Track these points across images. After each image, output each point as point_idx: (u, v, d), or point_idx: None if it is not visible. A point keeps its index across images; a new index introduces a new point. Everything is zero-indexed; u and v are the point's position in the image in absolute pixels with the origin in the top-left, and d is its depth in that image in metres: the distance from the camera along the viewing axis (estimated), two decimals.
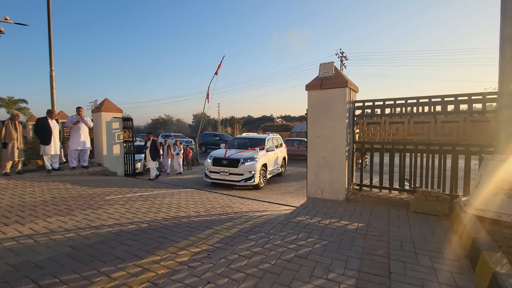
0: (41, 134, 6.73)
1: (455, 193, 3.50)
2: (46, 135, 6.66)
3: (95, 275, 2.06)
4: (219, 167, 8.00)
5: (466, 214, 2.73)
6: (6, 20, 17.06)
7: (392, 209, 3.57)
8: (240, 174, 7.66)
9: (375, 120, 4.03)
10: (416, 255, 2.24)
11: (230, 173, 7.78)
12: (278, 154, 9.61)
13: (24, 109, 22.08)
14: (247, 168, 7.65)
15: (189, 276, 1.94)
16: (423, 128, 3.63)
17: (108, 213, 3.73)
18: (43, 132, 6.68)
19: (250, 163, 7.73)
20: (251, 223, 3.51)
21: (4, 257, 2.31)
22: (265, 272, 1.97)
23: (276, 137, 10.36)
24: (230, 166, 7.84)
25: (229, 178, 7.81)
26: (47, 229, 3.01)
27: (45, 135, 6.67)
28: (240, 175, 7.68)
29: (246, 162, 7.73)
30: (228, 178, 7.82)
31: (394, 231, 2.79)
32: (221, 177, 7.92)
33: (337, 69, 4.10)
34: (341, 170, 3.98)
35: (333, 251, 2.32)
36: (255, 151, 8.17)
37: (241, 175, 7.67)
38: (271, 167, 8.92)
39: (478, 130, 3.32)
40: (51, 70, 8.80)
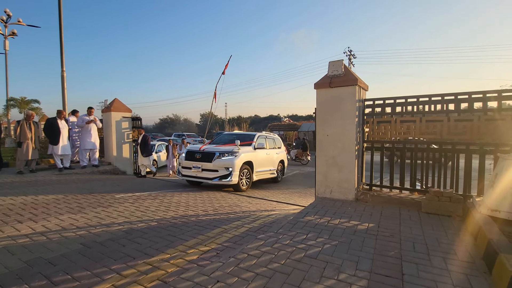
0: (50, 134, 6.88)
1: (468, 194, 3.40)
2: (55, 136, 6.81)
3: (106, 272, 2.08)
4: (191, 162, 6.64)
5: (480, 215, 2.66)
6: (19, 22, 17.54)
7: (403, 209, 3.51)
8: (214, 170, 6.29)
9: (386, 119, 3.96)
10: (429, 257, 2.18)
11: (203, 168, 6.38)
12: (272, 155, 8.15)
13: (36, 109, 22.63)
14: (223, 163, 6.25)
15: (199, 274, 1.94)
16: (436, 126, 3.55)
17: (118, 211, 3.78)
18: (52, 132, 6.83)
19: (227, 158, 6.31)
20: (260, 222, 3.49)
21: (18, 254, 2.36)
22: (274, 272, 1.96)
23: (273, 137, 8.94)
24: (204, 160, 6.47)
25: (201, 174, 6.39)
26: (59, 227, 3.06)
27: (54, 135, 6.82)
28: (214, 172, 6.29)
29: (223, 157, 6.32)
30: (200, 174, 6.41)
31: (406, 231, 2.73)
32: (193, 173, 6.53)
33: (347, 67, 4.04)
34: (350, 170, 3.92)
35: (344, 251, 2.29)
36: (236, 145, 6.68)
37: (215, 172, 6.28)
38: (261, 168, 7.39)
39: (493, 128, 3.22)
40: (62, 71, 8.99)
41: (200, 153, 6.69)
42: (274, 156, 8.28)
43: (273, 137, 8.95)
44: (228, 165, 6.27)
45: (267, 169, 7.79)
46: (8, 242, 2.60)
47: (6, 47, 17.52)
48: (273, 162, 8.19)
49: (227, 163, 6.28)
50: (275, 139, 9.01)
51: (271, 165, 8.07)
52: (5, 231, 2.89)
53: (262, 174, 7.61)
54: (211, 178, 6.29)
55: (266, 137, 8.35)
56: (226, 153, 6.43)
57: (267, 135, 8.66)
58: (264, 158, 7.62)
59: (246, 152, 6.85)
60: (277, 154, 8.55)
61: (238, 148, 6.62)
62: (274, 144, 8.68)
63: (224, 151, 6.48)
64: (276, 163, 8.41)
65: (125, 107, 8.64)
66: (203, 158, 6.53)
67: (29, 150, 6.55)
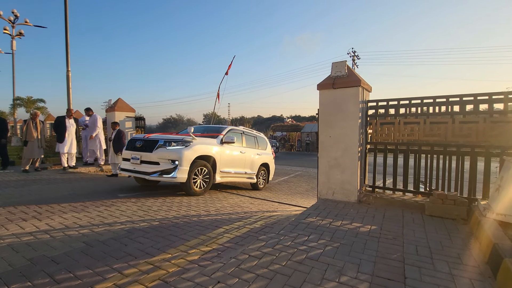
0: (58, 132, 7.01)
1: (473, 197, 3.36)
2: (61, 133, 6.92)
3: (108, 271, 2.09)
4: (131, 152, 5.27)
5: (485, 218, 2.62)
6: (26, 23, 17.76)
7: (407, 212, 3.47)
8: (155, 163, 4.88)
9: (389, 120, 3.93)
10: (433, 260, 2.16)
11: (142, 160, 5.01)
12: (251, 156, 6.69)
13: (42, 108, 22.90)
14: (166, 154, 4.84)
15: (200, 275, 1.94)
16: (440, 128, 3.51)
17: (121, 210, 3.80)
18: (60, 130, 6.95)
19: (173, 148, 4.89)
20: (261, 223, 3.49)
21: (22, 251, 2.39)
22: (275, 273, 1.95)
23: (255, 135, 7.43)
24: (144, 150, 5.07)
25: (140, 168, 4.99)
26: (63, 225, 3.09)
27: (60, 133, 6.93)
28: (154, 165, 4.88)
29: (169, 146, 4.93)
30: (138, 168, 5.01)
31: (409, 234, 2.71)
32: (131, 166, 5.13)
33: (350, 68, 4.02)
34: (353, 171, 3.90)
35: (345, 253, 2.27)
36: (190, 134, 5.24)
37: (155, 165, 4.86)
38: (229, 168, 5.91)
39: (499, 131, 3.17)
40: (67, 71, 9.07)
41: (142, 140, 5.24)
42: (254, 157, 6.83)
43: (255, 135, 7.43)
44: (173, 157, 4.81)
45: (240, 171, 6.31)
46: (12, 240, 2.63)
47: (13, 47, 17.75)
48: (252, 165, 6.73)
49: (172, 154, 4.83)
50: (258, 138, 7.52)
51: (248, 167, 6.61)
52: (10, 229, 2.92)
53: (232, 176, 6.10)
54: (149, 172, 4.84)
55: (244, 133, 6.80)
56: (174, 142, 4.98)
57: (247, 131, 7.06)
58: (236, 157, 6.14)
59: (205, 144, 5.38)
60: (259, 155, 7.06)
61: (191, 138, 5.14)
62: (256, 144, 7.25)
63: (171, 140, 5.04)
64: (256, 166, 6.94)
65: (129, 107, 8.71)
66: (144, 147, 5.11)
67: (35, 149, 6.64)
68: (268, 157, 7.58)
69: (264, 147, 7.65)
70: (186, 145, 5.02)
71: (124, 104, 8.62)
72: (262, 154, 7.32)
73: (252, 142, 7.09)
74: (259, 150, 7.27)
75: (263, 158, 7.30)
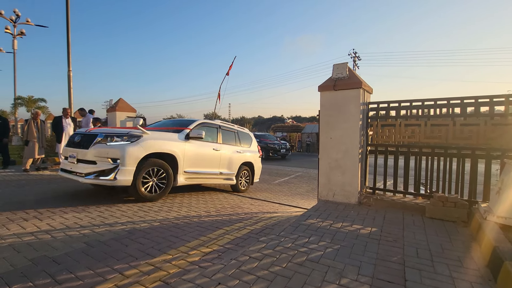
0: (56, 132, 7.02)
1: (474, 199, 3.36)
2: (59, 134, 6.93)
3: (109, 272, 2.10)
4: (69, 149, 4.46)
5: (486, 221, 2.62)
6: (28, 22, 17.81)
7: (407, 214, 3.47)
8: (91, 162, 4.06)
9: (390, 122, 3.94)
10: (433, 263, 2.16)
11: (78, 159, 4.19)
12: (229, 154, 5.89)
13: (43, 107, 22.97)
14: (105, 151, 4.01)
15: (200, 276, 1.95)
16: (441, 131, 3.51)
17: (122, 210, 3.80)
18: (58, 130, 6.96)
19: (115, 145, 4.06)
20: (262, 224, 3.49)
21: (24, 252, 2.39)
22: (276, 275, 1.95)
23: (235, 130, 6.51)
24: (81, 146, 4.27)
25: (76, 168, 4.17)
26: (64, 225, 3.10)
27: (58, 134, 6.94)
28: (90, 164, 4.06)
29: (110, 142, 4.09)
30: (74, 168, 4.20)
31: (409, 237, 2.71)
32: (68, 165, 4.34)
33: (351, 70, 4.03)
34: (353, 173, 3.90)
35: (346, 256, 2.28)
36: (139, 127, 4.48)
37: (92, 164, 4.05)
38: (197, 168, 5.06)
39: (500, 133, 3.17)
40: (68, 71, 9.09)
41: (81, 135, 4.46)
42: (233, 155, 5.98)
43: (236, 131, 6.51)
44: (113, 154, 3.98)
45: (213, 171, 5.48)
46: (14, 240, 2.64)
47: (14, 47, 17.80)
48: (229, 164, 5.89)
49: (112, 151, 3.99)
50: (240, 134, 6.59)
51: (225, 166, 5.76)
52: (11, 228, 2.93)
53: (202, 177, 5.27)
54: (84, 174, 4.02)
55: (220, 128, 5.93)
56: (117, 137, 4.16)
57: (224, 126, 6.16)
58: (207, 154, 5.31)
59: (162, 140, 4.53)
60: (239, 153, 6.23)
61: (140, 132, 4.30)
62: (237, 141, 6.38)
63: (113, 134, 4.21)
64: (236, 165, 6.11)
65: (130, 107, 8.73)
66: (82, 142, 4.30)
67: (36, 149, 6.65)
68: (252, 155, 6.76)
69: (248, 144, 6.80)
70: (132, 141, 4.16)
71: (125, 104, 8.64)
72: (245, 151, 6.49)
73: (231, 138, 6.23)
74: (241, 147, 6.42)
75: (246, 157, 6.48)
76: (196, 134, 4.99)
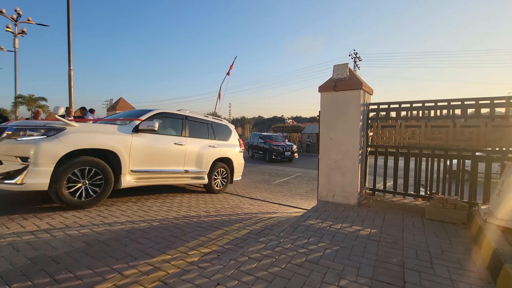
0: None
1: (474, 201, 3.36)
2: None
3: (108, 272, 2.10)
4: None
5: (486, 223, 2.62)
6: (29, 21, 17.83)
7: (407, 215, 3.47)
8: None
9: (390, 123, 3.93)
10: (432, 265, 2.16)
11: None
12: (199, 149, 5.14)
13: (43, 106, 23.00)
14: (12, 148, 3.30)
15: (199, 276, 1.94)
16: (441, 132, 3.51)
17: (121, 210, 3.80)
18: None
19: (25, 140, 3.33)
20: (261, 225, 3.49)
21: (23, 251, 2.39)
22: (275, 276, 1.95)
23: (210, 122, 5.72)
24: None
25: None
26: (63, 224, 3.10)
27: None
28: None
29: (21, 137, 3.35)
30: None
31: (409, 238, 2.71)
32: None
33: (352, 71, 4.03)
34: (353, 174, 3.90)
35: (345, 257, 2.27)
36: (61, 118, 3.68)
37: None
38: (155, 167, 4.42)
39: (501, 135, 3.17)
40: (69, 70, 9.10)
41: None
42: (203, 151, 5.23)
43: (210, 122, 5.70)
44: (23, 152, 3.27)
45: (175, 169, 4.73)
46: (13, 239, 2.64)
47: (15, 45, 17.82)
48: (199, 160, 5.15)
49: (21, 148, 3.28)
50: (215, 125, 5.80)
51: (192, 164, 5.02)
52: (11, 227, 2.93)
53: (160, 177, 4.56)
54: None
55: (187, 119, 5.13)
56: (31, 130, 3.42)
57: (192, 117, 5.34)
58: (166, 150, 4.58)
59: (95, 133, 3.81)
60: (213, 148, 5.46)
61: (62, 124, 3.57)
62: (210, 134, 5.61)
63: (27, 127, 3.47)
64: (208, 162, 5.36)
65: (130, 106, 8.74)
66: None
67: None
68: (230, 150, 5.96)
69: (225, 138, 6.01)
70: (50, 135, 3.41)
71: (125, 104, 8.65)
72: (221, 146, 5.71)
73: (202, 131, 5.48)
74: (215, 141, 5.65)
75: (222, 152, 5.71)
76: (146, 126, 4.22)
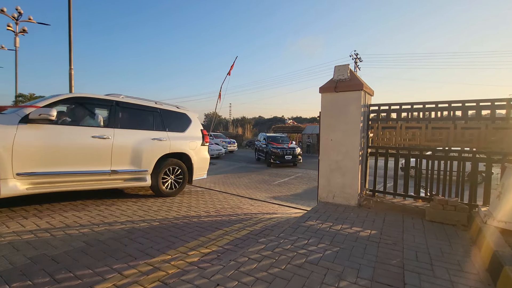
0: None
1: (474, 203, 3.35)
2: None
3: (108, 272, 2.10)
4: None
5: (486, 225, 2.62)
6: (30, 20, 17.85)
7: (407, 217, 3.47)
8: None
9: (391, 125, 3.93)
10: (432, 267, 2.16)
11: None
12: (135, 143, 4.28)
13: None
14: None
15: (199, 277, 1.94)
16: (442, 134, 3.51)
17: (121, 210, 3.81)
18: None
19: None
20: (261, 225, 3.49)
21: (23, 250, 2.39)
22: (275, 277, 1.95)
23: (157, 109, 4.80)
24: None
25: None
26: (63, 224, 3.10)
27: None
28: None
29: None
30: None
31: (409, 240, 2.70)
32: None
33: (352, 72, 4.03)
34: (354, 175, 3.90)
35: (345, 258, 2.27)
36: None
37: None
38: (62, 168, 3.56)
39: (501, 137, 3.17)
40: (70, 69, 9.10)
41: None
42: (142, 145, 4.31)
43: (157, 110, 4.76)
44: None
45: (95, 170, 3.85)
46: (13, 238, 2.64)
47: (16, 44, 17.84)
48: (135, 157, 4.25)
49: None
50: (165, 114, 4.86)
51: (123, 162, 4.14)
52: (11, 226, 2.93)
53: (70, 181, 3.67)
54: None
55: (118, 105, 4.24)
56: None
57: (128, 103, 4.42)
58: (78, 145, 3.70)
59: None
60: (159, 142, 4.52)
61: None
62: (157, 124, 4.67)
63: None
64: (151, 159, 4.42)
65: None
66: None
67: None
68: (187, 144, 4.96)
69: (181, 129, 5.00)
70: None
71: None
72: (173, 139, 4.72)
73: (144, 121, 4.55)
74: (164, 133, 4.67)
75: (174, 146, 4.72)
76: (38, 115, 3.29)
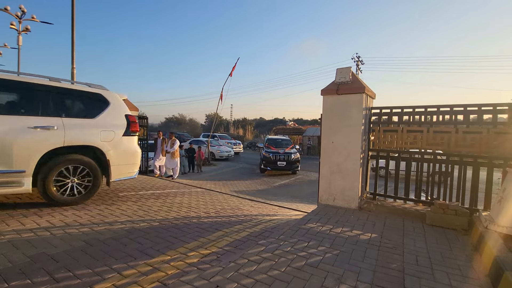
0: None
1: (475, 207, 3.34)
2: None
3: (107, 272, 2.10)
4: None
5: (487, 230, 2.60)
6: (33, 18, 17.92)
7: (407, 220, 3.46)
8: None
9: (392, 128, 3.92)
10: (433, 271, 2.15)
11: None
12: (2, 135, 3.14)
13: None
14: None
15: (198, 278, 1.94)
16: (443, 138, 3.50)
17: (121, 209, 3.81)
18: None
19: None
20: (261, 227, 3.48)
21: (22, 248, 2.39)
22: (274, 279, 1.94)
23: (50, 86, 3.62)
24: None
25: None
26: (63, 223, 3.10)
27: None
28: None
29: None
30: None
31: (409, 244, 2.69)
32: None
33: (354, 75, 4.03)
34: (355, 178, 3.89)
35: (345, 261, 2.26)
36: None
37: None
38: None
39: (503, 142, 3.16)
40: (72, 68, 9.13)
41: None
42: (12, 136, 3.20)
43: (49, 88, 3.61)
44: None
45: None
46: (13, 236, 2.64)
47: (19, 43, 17.90)
48: None
49: None
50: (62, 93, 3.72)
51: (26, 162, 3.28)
52: (11, 224, 2.93)
53: None
54: None
55: None
56: None
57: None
58: None
59: None
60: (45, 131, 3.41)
61: None
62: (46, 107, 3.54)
63: None
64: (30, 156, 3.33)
65: (132, 106, 8.75)
66: None
67: None
68: (95, 134, 3.84)
69: (90, 114, 3.90)
70: None
71: (130, 104, 8.65)
72: (72, 128, 3.64)
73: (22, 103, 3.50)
74: (58, 119, 3.56)
75: (74, 137, 3.65)
76: None
